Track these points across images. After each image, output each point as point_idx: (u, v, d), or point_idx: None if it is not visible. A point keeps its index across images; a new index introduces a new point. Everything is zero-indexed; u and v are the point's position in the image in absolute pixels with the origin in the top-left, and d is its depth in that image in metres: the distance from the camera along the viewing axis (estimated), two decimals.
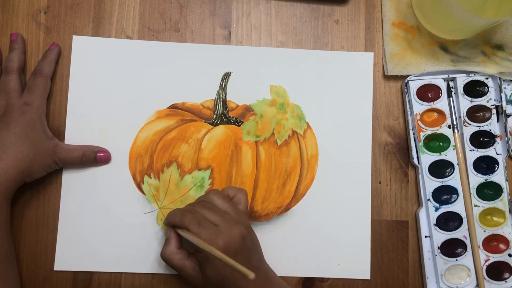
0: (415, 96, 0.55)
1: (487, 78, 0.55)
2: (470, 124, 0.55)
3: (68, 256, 0.53)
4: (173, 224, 0.48)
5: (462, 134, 0.55)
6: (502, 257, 0.54)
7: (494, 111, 0.55)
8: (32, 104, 0.50)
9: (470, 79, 0.55)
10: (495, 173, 0.54)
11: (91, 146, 0.53)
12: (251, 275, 0.40)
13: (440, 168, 0.54)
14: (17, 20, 0.55)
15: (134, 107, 0.55)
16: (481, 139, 0.55)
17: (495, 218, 0.54)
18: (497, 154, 0.54)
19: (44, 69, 0.52)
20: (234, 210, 0.48)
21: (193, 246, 0.46)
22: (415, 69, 0.55)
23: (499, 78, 0.54)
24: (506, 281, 0.54)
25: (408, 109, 0.55)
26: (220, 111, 0.55)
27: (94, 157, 0.53)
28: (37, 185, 0.53)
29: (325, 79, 0.56)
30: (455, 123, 0.55)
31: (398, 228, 0.55)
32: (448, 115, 0.55)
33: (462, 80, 0.55)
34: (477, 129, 0.54)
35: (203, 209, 0.47)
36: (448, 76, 0.55)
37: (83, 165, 0.53)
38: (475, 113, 0.55)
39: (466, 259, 0.54)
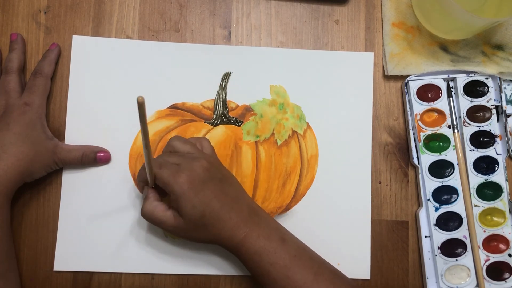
0: (415, 96, 0.55)
1: (487, 78, 0.55)
2: (470, 124, 0.55)
3: (68, 256, 0.53)
4: (142, 179, 0.48)
5: (462, 134, 0.55)
6: (502, 257, 0.54)
7: (494, 111, 0.55)
8: (32, 104, 0.50)
9: (470, 79, 0.55)
10: (495, 173, 0.54)
11: (91, 146, 0.53)
12: (140, 98, 0.36)
13: (440, 168, 0.54)
14: (17, 20, 0.55)
15: (134, 107, 0.54)
16: (481, 139, 0.55)
17: (495, 218, 0.54)
18: (497, 154, 0.54)
19: (44, 69, 0.52)
20: (195, 150, 0.48)
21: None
22: (415, 69, 0.55)
23: (499, 78, 0.54)
24: (506, 281, 0.54)
25: (408, 109, 0.55)
26: (220, 111, 0.55)
27: (94, 157, 0.53)
28: (37, 185, 0.53)
29: (325, 79, 0.56)
30: (455, 123, 0.55)
31: (398, 228, 0.55)
32: (448, 115, 0.55)
33: (462, 80, 0.55)
34: (477, 129, 0.54)
35: (164, 156, 0.48)
36: (448, 76, 0.55)
37: (83, 165, 0.53)
38: (475, 113, 0.55)
39: (466, 259, 0.54)
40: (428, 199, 0.54)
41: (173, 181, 0.45)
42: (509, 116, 0.55)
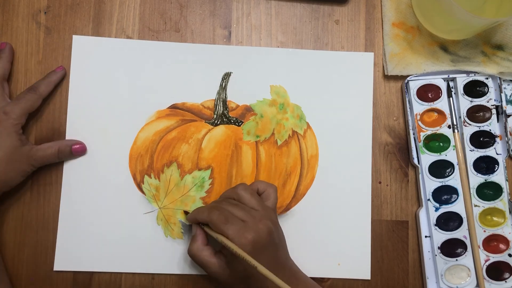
0: (415, 96, 0.55)
1: (487, 78, 0.55)
2: (470, 124, 0.55)
3: (68, 256, 0.53)
4: (200, 221, 0.48)
5: (462, 134, 0.55)
6: (502, 257, 0.54)
7: (494, 111, 0.55)
8: (10, 114, 0.49)
9: (470, 79, 0.55)
10: (495, 173, 0.54)
11: (65, 140, 0.53)
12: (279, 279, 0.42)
13: (440, 168, 0.54)
14: (17, 20, 0.55)
15: (134, 107, 0.55)
16: (481, 139, 0.55)
17: (495, 218, 0.54)
18: (497, 154, 0.54)
19: (40, 87, 0.52)
20: (261, 206, 0.48)
21: (219, 243, 0.46)
22: (415, 69, 0.55)
23: (499, 78, 0.54)
24: (506, 281, 0.54)
25: (408, 109, 0.55)
26: (220, 111, 0.55)
27: (69, 151, 0.52)
28: (37, 185, 0.53)
29: (325, 79, 0.56)
30: (455, 123, 0.55)
31: (398, 228, 0.55)
32: (448, 115, 0.55)
33: (462, 80, 0.55)
34: (477, 129, 0.54)
35: (229, 206, 0.47)
36: (448, 76, 0.55)
37: (60, 160, 0.53)
38: (475, 113, 0.55)
39: (466, 259, 0.54)
40: (428, 199, 0.54)
41: (238, 241, 0.44)
42: (509, 116, 0.55)
